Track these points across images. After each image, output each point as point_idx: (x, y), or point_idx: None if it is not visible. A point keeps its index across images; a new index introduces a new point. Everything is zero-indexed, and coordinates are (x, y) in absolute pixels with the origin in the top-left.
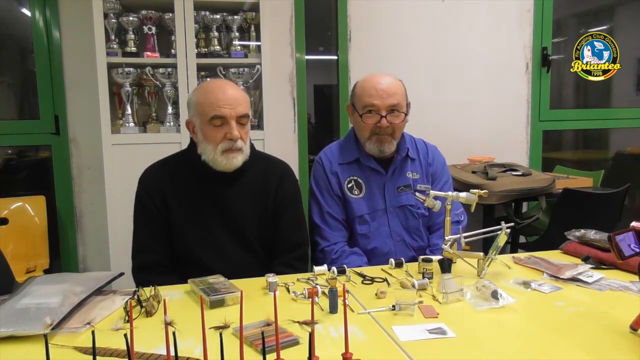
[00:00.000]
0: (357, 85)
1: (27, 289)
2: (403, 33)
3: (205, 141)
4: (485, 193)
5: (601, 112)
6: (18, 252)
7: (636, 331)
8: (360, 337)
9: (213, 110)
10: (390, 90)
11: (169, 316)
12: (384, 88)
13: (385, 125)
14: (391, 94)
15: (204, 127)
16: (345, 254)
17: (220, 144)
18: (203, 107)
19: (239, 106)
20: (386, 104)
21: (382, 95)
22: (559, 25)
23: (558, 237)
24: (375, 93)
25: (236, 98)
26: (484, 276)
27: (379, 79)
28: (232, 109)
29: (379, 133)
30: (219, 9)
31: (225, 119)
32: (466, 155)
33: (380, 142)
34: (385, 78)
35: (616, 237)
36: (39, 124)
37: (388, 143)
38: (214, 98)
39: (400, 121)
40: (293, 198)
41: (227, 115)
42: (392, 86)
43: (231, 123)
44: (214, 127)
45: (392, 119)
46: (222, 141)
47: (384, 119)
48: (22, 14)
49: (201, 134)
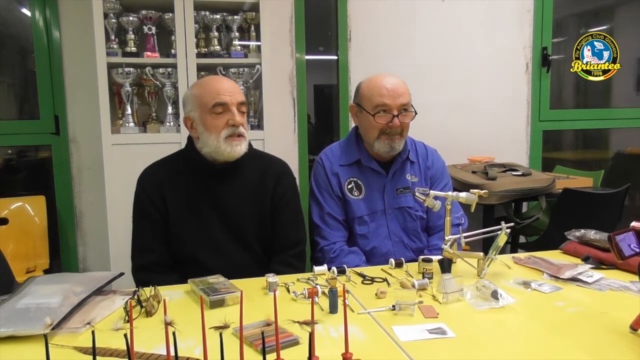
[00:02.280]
0: (363, 86)
1: (27, 289)
2: (403, 33)
3: (207, 132)
4: (485, 193)
5: (601, 112)
6: (18, 252)
7: (636, 331)
8: (360, 337)
9: (213, 98)
10: (400, 90)
11: (169, 316)
12: (394, 88)
13: (397, 125)
14: (401, 93)
15: (205, 117)
16: (344, 253)
17: (224, 131)
18: (202, 98)
19: (237, 94)
20: (397, 103)
21: (393, 94)
22: (559, 25)
23: (558, 237)
24: (386, 93)
25: (234, 86)
26: (484, 276)
27: (387, 79)
28: (232, 96)
29: (388, 133)
30: (219, 9)
31: (226, 105)
32: (466, 155)
33: (391, 140)
34: (392, 78)
35: (616, 237)
36: (39, 124)
37: (398, 141)
38: (213, 88)
39: (411, 120)
40: (290, 196)
41: (229, 102)
42: (401, 86)
43: (232, 109)
44: (216, 115)
45: (402, 119)
46: (225, 127)
47: (396, 118)
48: (22, 14)
49: (202, 126)
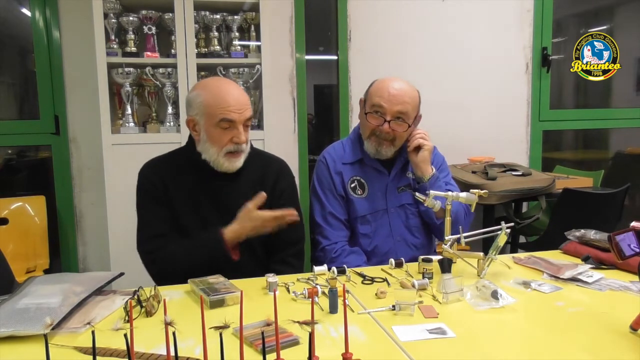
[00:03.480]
0: (374, 83)
1: (27, 289)
2: (403, 33)
3: (209, 142)
4: (485, 193)
5: (601, 112)
6: (18, 252)
7: (636, 331)
8: (360, 337)
9: (222, 113)
10: (401, 98)
11: (169, 316)
12: (396, 94)
13: (386, 131)
14: (401, 101)
15: (210, 128)
16: (345, 253)
17: (225, 147)
18: (211, 109)
19: (246, 110)
20: (393, 109)
21: (392, 100)
22: (559, 25)
23: (558, 237)
24: (386, 96)
25: (244, 102)
26: (484, 276)
27: (395, 83)
28: (240, 114)
29: (379, 136)
30: (219, 9)
31: (234, 123)
32: (466, 155)
33: (378, 144)
34: (400, 84)
35: (616, 237)
36: (39, 124)
37: (386, 147)
38: (223, 101)
39: (403, 131)
40: (290, 195)
41: (236, 120)
42: (405, 94)
43: (239, 128)
44: (222, 129)
45: (395, 126)
46: (228, 144)
47: (387, 124)
48: (22, 14)
49: (205, 134)
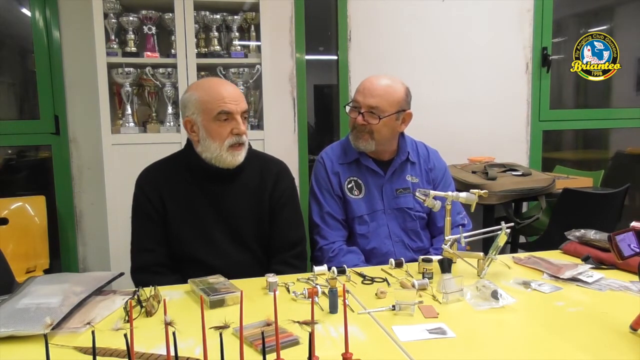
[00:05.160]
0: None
1: (27, 289)
2: (403, 33)
3: (209, 138)
4: (485, 193)
5: (601, 112)
6: (18, 252)
7: (636, 331)
8: (360, 337)
9: (219, 106)
10: (375, 92)
11: (169, 316)
12: (370, 87)
13: (360, 122)
14: (374, 95)
15: (209, 124)
16: (343, 252)
17: (227, 140)
18: (207, 104)
19: (242, 102)
20: (366, 103)
21: (366, 93)
22: (559, 25)
23: (558, 237)
24: (361, 90)
25: (238, 95)
26: (484, 276)
27: (374, 79)
28: (237, 105)
29: (356, 128)
30: (219, 9)
31: (231, 114)
32: (466, 155)
33: (356, 138)
34: (380, 79)
35: (616, 237)
36: (39, 124)
37: (364, 141)
38: (218, 94)
39: (375, 123)
40: (289, 196)
41: (234, 111)
42: (380, 88)
43: (237, 118)
44: (220, 122)
45: (368, 118)
46: (229, 137)
47: (360, 115)
48: (22, 14)
49: (204, 131)
